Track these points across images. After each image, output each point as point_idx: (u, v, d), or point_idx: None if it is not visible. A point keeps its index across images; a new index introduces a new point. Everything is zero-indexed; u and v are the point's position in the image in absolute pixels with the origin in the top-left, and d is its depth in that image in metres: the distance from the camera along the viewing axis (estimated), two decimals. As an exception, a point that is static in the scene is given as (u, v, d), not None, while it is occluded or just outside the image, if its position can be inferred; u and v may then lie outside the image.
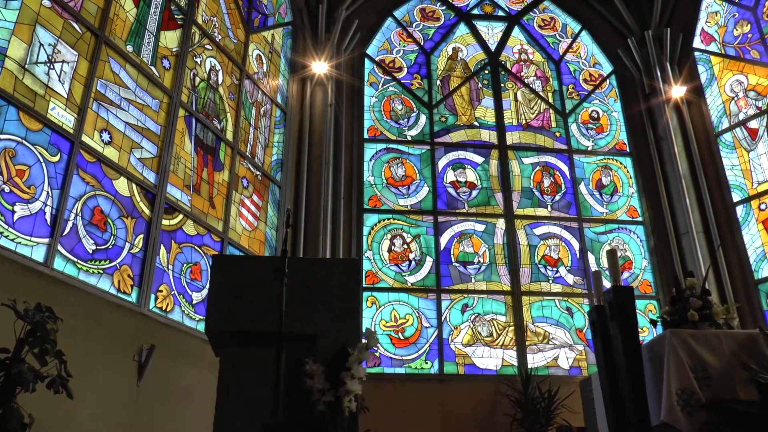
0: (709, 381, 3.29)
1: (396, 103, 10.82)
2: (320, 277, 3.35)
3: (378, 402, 8.53)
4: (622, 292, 3.73)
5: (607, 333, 3.76)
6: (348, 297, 3.30)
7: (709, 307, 3.92)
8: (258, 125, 9.32)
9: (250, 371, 3.04)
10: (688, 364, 3.33)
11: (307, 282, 3.30)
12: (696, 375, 3.31)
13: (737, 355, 3.42)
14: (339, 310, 3.27)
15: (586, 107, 11.41)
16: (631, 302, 3.69)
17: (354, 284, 3.34)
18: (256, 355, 3.07)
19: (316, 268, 3.46)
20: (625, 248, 10.36)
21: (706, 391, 3.28)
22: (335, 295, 3.29)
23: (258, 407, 2.96)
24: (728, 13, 11.21)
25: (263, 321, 3.09)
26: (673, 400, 3.18)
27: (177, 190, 7.48)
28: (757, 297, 9.63)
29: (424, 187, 10.22)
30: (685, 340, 3.43)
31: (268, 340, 3.02)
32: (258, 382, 3.01)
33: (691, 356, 3.39)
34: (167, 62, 7.69)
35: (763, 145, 10.18)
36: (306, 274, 3.32)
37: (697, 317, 3.84)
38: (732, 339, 3.51)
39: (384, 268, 9.59)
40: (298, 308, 3.23)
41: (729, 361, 3.39)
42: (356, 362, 3.08)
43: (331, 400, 3.02)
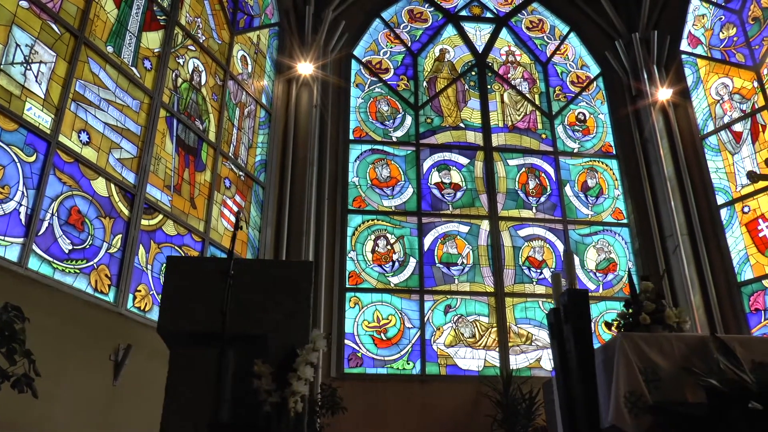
0: (659, 383, 3.32)
1: (382, 105, 10.85)
2: (272, 278, 3.37)
3: (359, 402, 8.65)
4: (576, 295, 3.76)
5: (562, 335, 3.79)
6: (299, 298, 3.33)
7: (662, 310, 3.95)
8: (241, 126, 9.34)
9: (198, 371, 3.07)
10: (638, 367, 3.36)
11: (258, 283, 3.33)
12: (646, 378, 3.34)
13: (688, 358, 3.44)
14: (290, 311, 3.30)
15: (573, 109, 11.44)
16: (585, 305, 3.72)
17: (306, 286, 3.36)
18: (204, 356, 3.09)
19: (268, 269, 3.49)
20: (609, 250, 10.39)
21: (655, 393, 3.30)
22: (286, 297, 3.32)
23: (204, 407, 2.99)
24: (715, 16, 11.23)
25: (212, 322, 3.11)
26: (621, 402, 3.21)
27: (157, 190, 7.51)
28: (739, 299, 9.66)
29: (408, 189, 10.25)
30: (636, 343, 3.46)
31: (216, 341, 3.04)
32: (205, 383, 3.03)
33: (642, 359, 3.41)
34: (149, 63, 7.71)
35: (747, 148, 10.20)
36: (258, 276, 3.34)
37: (649, 320, 3.87)
38: (683, 342, 3.54)
39: (367, 269, 9.62)
40: (249, 309, 3.25)
41: (679, 364, 3.41)
42: (303, 364, 3.09)
43: (278, 401, 3.04)
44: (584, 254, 10.27)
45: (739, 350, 3.44)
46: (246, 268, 3.34)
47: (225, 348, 2.92)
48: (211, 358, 3.06)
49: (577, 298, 3.71)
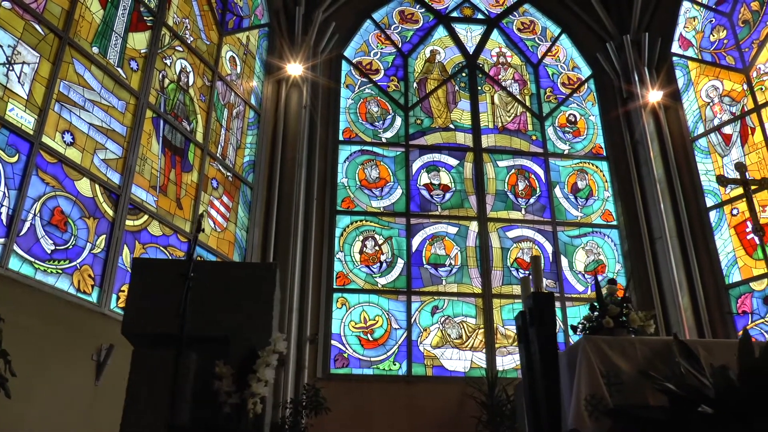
0: (621, 387, 3.33)
1: (372, 105, 10.87)
2: (235, 280, 3.39)
3: (345, 402, 8.67)
4: (542, 298, 3.78)
5: (528, 338, 3.81)
6: (261, 300, 3.35)
7: (627, 314, 3.97)
8: (230, 127, 9.36)
9: (159, 372, 3.08)
10: (600, 370, 3.37)
11: (221, 285, 3.35)
12: (608, 381, 3.34)
13: (651, 362, 3.45)
14: (252, 313, 3.32)
15: (564, 111, 11.45)
16: (550, 309, 3.74)
17: (269, 288, 3.39)
18: (165, 357, 3.11)
19: (231, 271, 3.51)
20: (598, 252, 10.41)
21: (617, 396, 3.31)
22: (249, 299, 3.34)
23: (165, 408, 3.00)
24: (705, 18, 11.25)
25: (175, 323, 3.12)
26: (581, 405, 3.22)
27: (142, 190, 7.53)
28: (727, 301, 9.66)
29: (397, 190, 10.27)
30: (599, 347, 3.47)
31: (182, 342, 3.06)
32: (166, 384, 3.04)
33: (604, 362, 3.42)
34: (135, 64, 7.73)
35: (736, 151, 10.22)
36: (221, 278, 3.36)
37: (612, 324, 3.89)
38: (647, 346, 3.54)
39: (355, 270, 9.64)
40: (211, 311, 3.27)
41: (642, 368, 3.42)
42: (263, 365, 3.11)
43: (237, 403, 3.06)
44: (573, 256, 10.28)
45: (702, 354, 3.45)
46: (209, 271, 3.36)
47: (183, 349, 2.93)
48: (170, 359, 3.08)
49: (542, 301, 3.73)
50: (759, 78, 10.14)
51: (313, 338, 9.00)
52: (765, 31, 10.18)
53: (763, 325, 9.23)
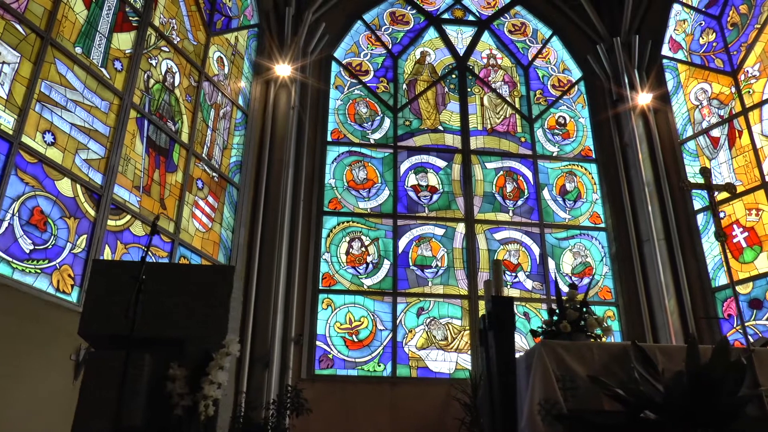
0: (576, 392, 3.33)
1: (361, 107, 10.89)
2: (193, 283, 3.40)
3: (329, 403, 8.70)
4: (501, 302, 3.79)
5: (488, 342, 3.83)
6: (218, 303, 3.36)
7: (585, 319, 3.97)
8: (216, 127, 9.38)
9: (111, 374, 3.09)
10: (556, 375, 3.38)
11: (178, 287, 3.36)
12: (563, 385, 3.35)
13: (608, 366, 3.46)
14: (208, 315, 3.33)
15: (553, 113, 11.45)
16: (509, 313, 3.74)
17: (226, 290, 3.39)
18: (117, 358, 3.12)
19: (189, 274, 3.51)
20: (586, 254, 10.41)
21: (571, 401, 3.32)
22: (205, 301, 3.35)
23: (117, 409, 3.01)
24: (695, 21, 11.24)
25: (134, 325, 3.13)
26: (534, 409, 3.23)
27: (125, 191, 7.54)
28: (713, 305, 9.67)
29: (385, 191, 10.28)
30: (555, 351, 3.47)
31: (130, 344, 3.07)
32: (117, 385, 3.06)
33: (560, 367, 3.43)
34: (119, 64, 7.74)
35: (723, 154, 10.22)
36: (178, 280, 3.37)
37: (569, 329, 3.90)
38: (605, 351, 3.55)
39: (341, 271, 9.65)
40: (168, 313, 3.28)
41: (599, 373, 3.42)
42: (215, 368, 3.12)
43: (189, 405, 3.07)
44: (560, 258, 10.29)
45: (660, 359, 3.46)
46: (167, 273, 3.37)
47: (132, 351, 2.94)
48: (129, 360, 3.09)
49: (501, 305, 3.74)
50: (747, 81, 10.13)
51: (298, 339, 9.01)
52: (753, 34, 10.18)
53: (748, 329, 9.21)
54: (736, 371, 3.18)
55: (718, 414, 2.79)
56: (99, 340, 3.36)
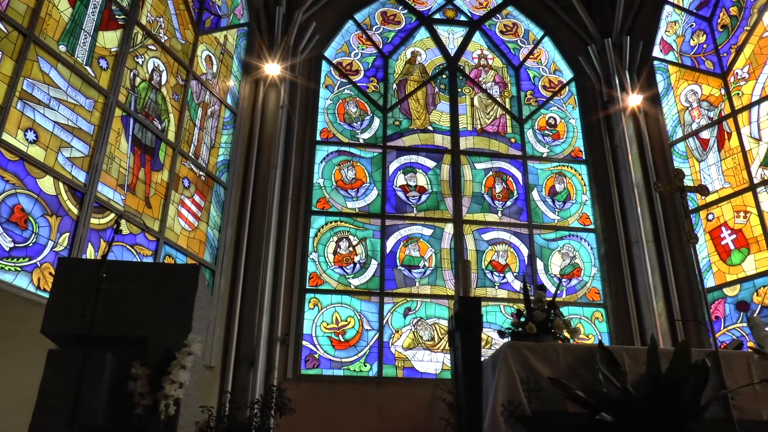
0: (540, 393, 3.32)
1: (350, 106, 10.88)
2: (157, 282, 3.39)
3: (314, 403, 8.68)
4: (468, 303, 3.78)
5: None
6: (182, 302, 3.35)
7: (552, 320, 3.96)
8: (204, 126, 9.36)
9: (71, 373, 3.08)
10: (520, 376, 3.37)
11: (143, 286, 3.35)
12: (527, 387, 3.34)
13: (574, 368, 3.45)
14: (173, 315, 3.32)
15: (544, 114, 11.44)
16: (476, 314, 3.73)
17: (189, 290, 3.38)
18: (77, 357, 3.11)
19: (154, 273, 3.50)
20: (574, 255, 10.39)
21: (535, 403, 3.31)
22: (171, 300, 3.34)
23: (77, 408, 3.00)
24: (686, 22, 11.23)
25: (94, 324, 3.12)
26: (497, 411, 3.22)
27: (109, 189, 7.53)
28: (701, 307, 9.65)
29: (373, 191, 10.27)
30: (520, 352, 3.46)
31: (96, 343, 3.06)
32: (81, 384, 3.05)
33: (525, 368, 3.42)
34: (105, 62, 7.72)
35: (713, 156, 10.21)
36: (142, 279, 3.36)
37: (535, 330, 3.88)
38: (570, 352, 3.54)
39: (328, 270, 9.65)
40: (131, 312, 3.27)
41: (564, 374, 3.41)
42: (177, 367, 3.11)
43: (150, 404, 3.06)
44: (549, 259, 10.28)
45: (626, 361, 3.45)
46: (132, 272, 3.36)
47: (94, 350, 2.93)
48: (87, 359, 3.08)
49: (468, 306, 3.73)
50: (736, 83, 10.13)
51: (284, 339, 9.00)
52: (743, 36, 10.17)
53: (735, 331, 9.22)
54: (699, 373, 3.17)
55: (678, 415, 2.78)
56: (62, 339, 3.34)
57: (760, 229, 9.30)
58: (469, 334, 3.63)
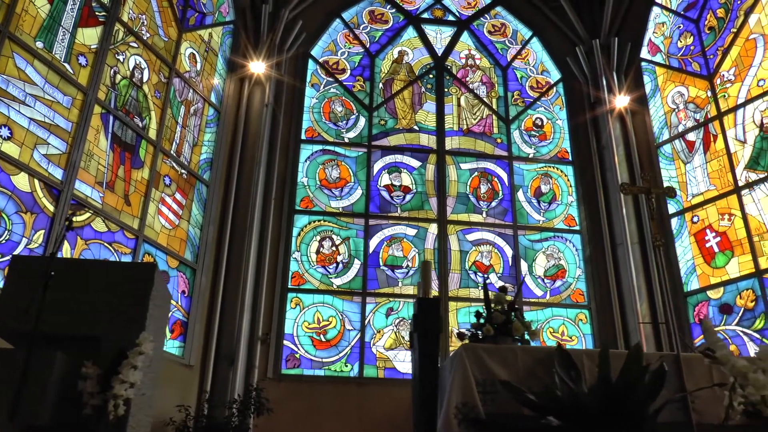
0: (496, 396, 3.28)
1: (336, 105, 10.83)
2: (110, 280, 3.35)
3: (295, 404, 8.65)
4: (425, 304, 3.75)
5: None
6: (137, 301, 3.31)
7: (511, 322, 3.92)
8: (186, 124, 9.32)
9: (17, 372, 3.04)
10: (476, 379, 3.33)
11: (96, 285, 3.31)
12: (483, 389, 3.30)
13: (532, 370, 3.41)
14: (127, 313, 3.28)
15: (531, 114, 11.41)
16: (433, 315, 3.70)
17: (145, 289, 3.34)
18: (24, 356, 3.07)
19: (107, 271, 3.46)
20: (559, 257, 10.36)
21: (491, 405, 3.27)
22: (123, 299, 3.30)
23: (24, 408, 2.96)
24: (674, 24, 11.21)
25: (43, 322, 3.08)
26: (451, 413, 3.18)
27: (87, 186, 7.48)
28: (685, 310, 9.63)
29: (357, 190, 10.23)
30: (477, 355, 3.42)
31: (38, 341, 3.02)
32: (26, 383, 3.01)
33: (482, 370, 3.38)
34: (84, 59, 7.68)
35: (698, 158, 10.18)
36: (97, 277, 3.33)
37: (492, 332, 3.85)
38: (529, 354, 3.50)
39: (311, 270, 9.61)
40: (84, 310, 3.23)
41: (523, 377, 3.38)
42: (127, 366, 3.07)
43: (100, 404, 3.02)
44: (533, 260, 10.24)
45: (586, 364, 3.41)
46: (86, 270, 3.32)
47: (42, 349, 2.89)
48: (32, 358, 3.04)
49: (426, 307, 3.69)
50: (722, 85, 10.11)
51: (265, 338, 8.96)
52: (729, 39, 10.15)
53: (718, 334, 9.17)
54: (656, 376, 3.14)
55: (629, 419, 2.75)
56: (15, 338, 3.30)
57: (744, 232, 9.28)
58: (427, 336, 3.60)
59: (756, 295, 8.91)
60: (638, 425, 2.72)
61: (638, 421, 2.72)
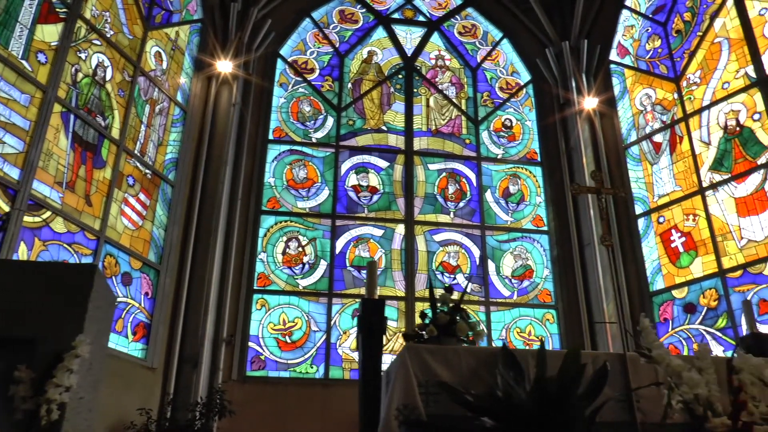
0: (439, 397, 3.25)
1: (304, 105, 10.78)
2: (48, 281, 3.29)
3: (259, 405, 8.59)
4: (370, 305, 3.71)
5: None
6: (75, 303, 3.25)
7: (455, 323, 3.91)
8: (151, 123, 9.21)
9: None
10: (418, 380, 3.30)
11: (32, 285, 3.24)
12: (425, 391, 3.28)
13: (476, 371, 3.39)
14: (63, 316, 3.22)
15: (500, 115, 11.43)
16: (377, 316, 3.67)
17: (84, 290, 3.28)
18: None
19: (45, 271, 3.40)
20: (527, 257, 10.38)
21: (433, 407, 3.24)
22: (61, 301, 3.24)
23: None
24: (642, 27, 11.29)
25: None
26: (391, 415, 3.15)
27: (46, 186, 7.36)
28: (650, 309, 9.69)
29: (324, 190, 10.19)
30: (420, 356, 3.40)
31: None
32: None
33: (424, 371, 3.35)
34: (44, 56, 7.56)
35: (665, 159, 10.25)
36: (32, 278, 3.26)
37: (435, 332, 3.83)
38: (472, 355, 3.48)
39: (276, 271, 9.54)
40: (19, 311, 3.17)
41: (466, 378, 3.35)
42: (62, 370, 3.01)
43: (32, 408, 2.95)
44: (501, 260, 10.25)
45: (532, 364, 3.40)
46: (22, 270, 3.25)
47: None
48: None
49: (371, 308, 3.66)
50: (688, 88, 10.19)
51: (230, 340, 8.89)
52: (695, 42, 10.23)
53: (682, 333, 9.26)
54: (597, 377, 3.13)
55: (563, 419, 2.73)
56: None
57: (707, 232, 9.35)
58: (371, 336, 3.57)
59: (719, 295, 8.99)
60: (573, 426, 2.70)
61: (573, 422, 2.71)
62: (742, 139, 9.28)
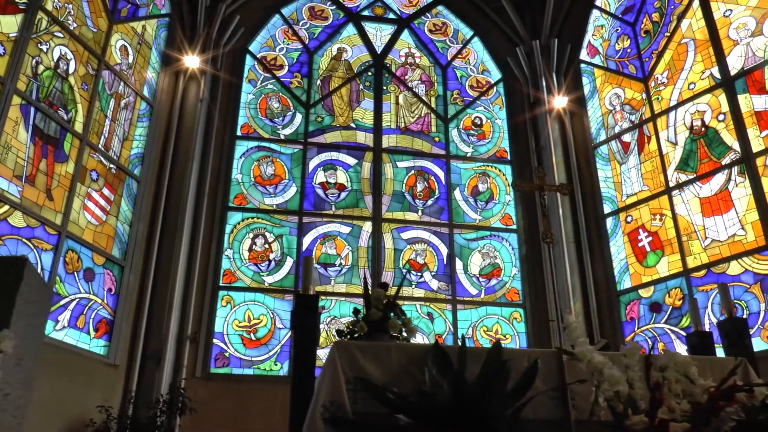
0: (366, 394, 3.24)
1: (273, 101, 10.73)
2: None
3: (222, 403, 8.54)
4: (303, 301, 3.70)
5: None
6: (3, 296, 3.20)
7: (387, 319, 3.90)
8: (116, 117, 9.13)
9: None
10: (347, 377, 3.28)
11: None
12: (354, 387, 3.26)
13: (407, 368, 3.38)
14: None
15: (470, 113, 11.43)
16: (311, 312, 3.65)
17: (12, 284, 3.23)
18: None
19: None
20: (495, 255, 10.39)
21: (361, 404, 3.23)
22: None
23: None
24: (612, 27, 11.33)
25: None
26: (317, 412, 3.13)
27: (4, 180, 7.28)
28: (617, 308, 9.74)
29: (292, 187, 10.15)
30: (349, 352, 3.37)
31: None
32: None
33: (353, 368, 3.33)
34: (1, 48, 7.47)
35: (633, 159, 10.30)
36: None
37: (366, 329, 3.83)
38: (404, 352, 3.46)
39: (242, 267, 9.50)
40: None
41: (396, 375, 3.34)
42: (-21, 365, 2.97)
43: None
44: (468, 259, 10.26)
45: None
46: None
47: None
48: None
49: (303, 304, 3.65)
50: (656, 88, 10.24)
51: (194, 336, 8.83)
52: (663, 42, 10.28)
53: (648, 332, 9.31)
54: (526, 374, 3.13)
55: (484, 416, 2.73)
56: None
57: (673, 232, 9.40)
58: (303, 333, 3.55)
59: (683, 294, 9.04)
60: (495, 422, 2.69)
61: (495, 419, 2.70)
62: (707, 139, 9.34)
